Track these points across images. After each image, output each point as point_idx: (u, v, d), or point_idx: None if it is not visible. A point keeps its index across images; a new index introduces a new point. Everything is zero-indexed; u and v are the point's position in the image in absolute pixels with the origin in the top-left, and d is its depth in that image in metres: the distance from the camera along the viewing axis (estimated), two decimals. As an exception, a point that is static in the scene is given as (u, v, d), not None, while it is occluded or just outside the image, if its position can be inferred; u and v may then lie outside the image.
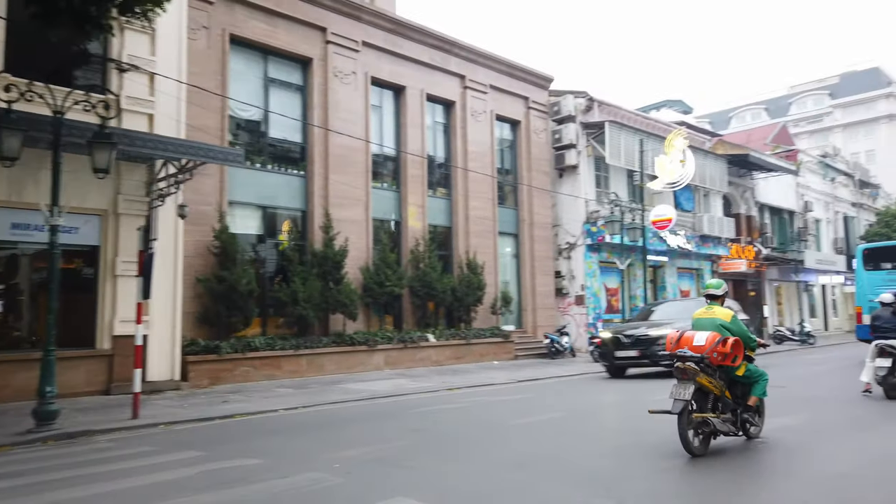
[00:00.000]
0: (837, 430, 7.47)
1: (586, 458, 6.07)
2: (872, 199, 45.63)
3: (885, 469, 5.61)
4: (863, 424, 7.87)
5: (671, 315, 14.90)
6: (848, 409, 8.98)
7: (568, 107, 22.60)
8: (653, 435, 6.92)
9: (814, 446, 6.55)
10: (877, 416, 8.47)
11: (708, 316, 6.67)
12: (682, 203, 26.13)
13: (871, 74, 72.81)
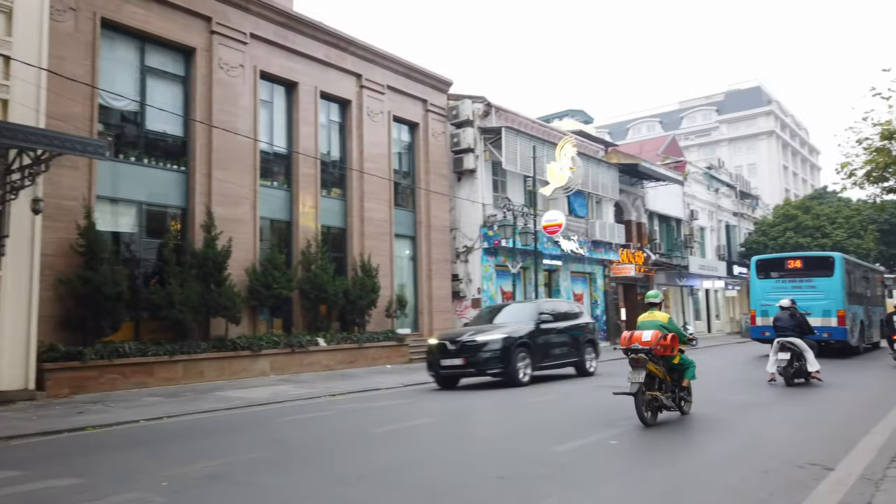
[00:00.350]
0: (751, 406, 9.45)
1: (434, 467, 5.90)
2: (752, 210, 48.94)
3: (786, 424, 7.89)
4: (770, 402, 10.12)
5: (513, 318, 13.62)
6: (758, 392, 11.07)
7: (466, 111, 22.75)
8: (513, 442, 6.91)
9: (735, 417, 8.35)
10: (780, 396, 10.78)
11: (650, 319, 8.40)
12: (575, 209, 26.92)
13: (753, 93, 78.34)
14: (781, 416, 8.66)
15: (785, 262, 21.16)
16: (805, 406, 9.65)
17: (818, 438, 6.93)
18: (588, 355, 14.56)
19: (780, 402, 10.13)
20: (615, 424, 7.60)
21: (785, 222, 42.12)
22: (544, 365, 13.42)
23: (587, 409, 9.33)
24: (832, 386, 11.83)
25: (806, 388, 11.60)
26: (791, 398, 10.48)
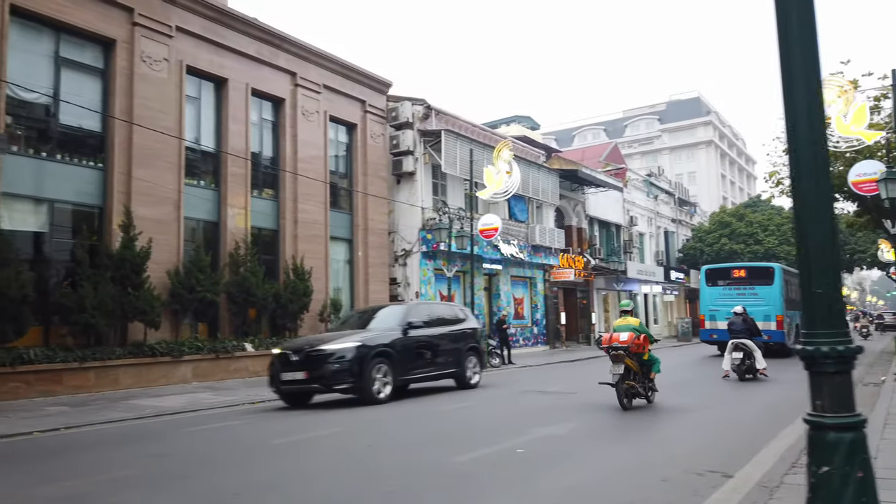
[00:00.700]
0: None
1: (321, 481, 5.57)
2: (690, 217, 50.26)
3: (704, 426, 8.08)
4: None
5: (381, 324, 11.87)
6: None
7: (406, 113, 22.52)
8: (418, 451, 6.67)
9: (657, 420, 8.86)
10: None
11: (625, 323, 10.05)
12: (516, 214, 27.01)
13: (693, 103, 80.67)
14: (703, 419, 8.74)
15: (731, 271, 23.32)
16: (734, 405, 9.79)
17: (731, 442, 6.94)
18: (470, 365, 13.03)
19: (733, 389, 12.12)
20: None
21: (720, 229, 43.41)
22: (412, 377, 11.78)
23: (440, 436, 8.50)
24: (774, 381, 13.45)
25: (749, 384, 13.12)
26: (742, 388, 12.38)
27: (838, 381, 2.39)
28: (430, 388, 12.83)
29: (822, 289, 2.34)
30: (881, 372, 14.31)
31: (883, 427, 7.01)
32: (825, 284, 2.35)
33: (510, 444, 6.75)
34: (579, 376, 16.18)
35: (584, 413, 9.26)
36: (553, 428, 7.80)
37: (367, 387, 10.53)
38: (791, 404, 9.09)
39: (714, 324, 22.15)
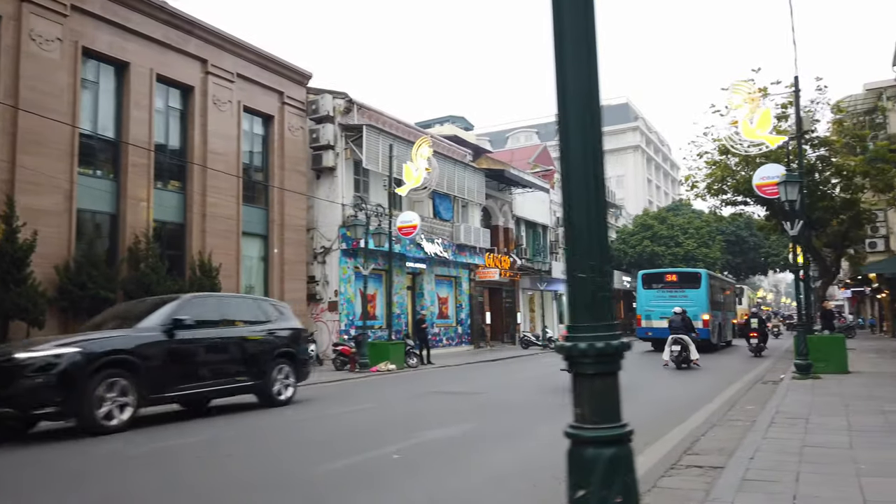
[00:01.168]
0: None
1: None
2: (616, 219, 51.40)
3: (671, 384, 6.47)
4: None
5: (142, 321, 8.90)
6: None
7: (326, 106, 21.91)
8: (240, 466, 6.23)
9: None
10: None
11: None
12: (440, 212, 26.77)
13: (622, 109, 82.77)
14: (675, 381, 8.61)
15: (664, 276, 26.31)
16: (650, 395, 9.75)
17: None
18: (279, 376, 10.36)
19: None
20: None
21: (643, 231, 44.55)
22: (177, 394, 8.97)
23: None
24: (705, 370, 15.87)
25: (682, 372, 15.46)
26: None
27: (599, 384, 1.98)
28: (322, 391, 12.42)
29: (585, 273, 1.99)
30: (782, 370, 14.79)
31: (768, 426, 7.05)
32: (589, 268, 1.99)
33: (391, 449, 6.39)
34: (494, 376, 16.05)
35: (484, 414, 9.03)
36: (446, 430, 7.51)
37: (87, 410, 7.59)
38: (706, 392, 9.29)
39: (649, 322, 24.72)
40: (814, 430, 6.72)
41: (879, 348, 22.06)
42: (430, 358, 19.90)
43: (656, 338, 23.83)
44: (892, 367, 14.27)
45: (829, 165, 20.46)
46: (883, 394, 9.58)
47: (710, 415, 8.43)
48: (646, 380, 13.28)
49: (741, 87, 14.60)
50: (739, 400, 9.84)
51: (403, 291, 24.99)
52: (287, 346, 10.68)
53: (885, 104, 29.35)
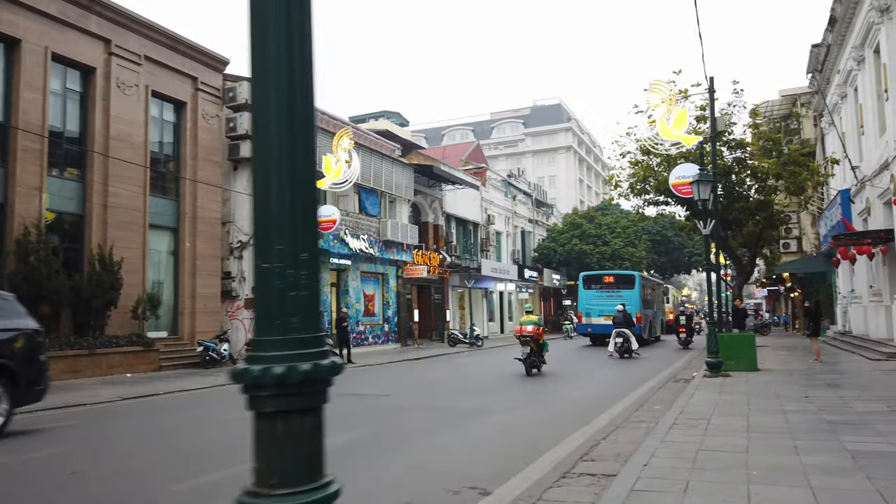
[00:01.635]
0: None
1: None
2: (547, 217, 51.91)
3: (498, 429, 7.21)
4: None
5: None
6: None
7: (245, 94, 20.89)
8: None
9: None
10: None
11: (528, 319, 15.07)
12: (366, 207, 26.15)
13: (555, 109, 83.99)
14: (615, 368, 8.26)
15: (602, 277, 29.20)
16: (566, 392, 9.50)
17: (517, 444, 6.48)
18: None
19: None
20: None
21: (572, 230, 45.13)
22: None
23: None
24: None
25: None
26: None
27: (284, 428, 1.35)
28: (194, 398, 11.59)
29: (270, 262, 1.41)
30: (697, 366, 14.96)
31: (669, 427, 6.88)
32: (277, 255, 1.42)
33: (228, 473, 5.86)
34: (412, 375, 15.63)
35: (382, 418, 8.58)
36: (334, 438, 6.99)
37: None
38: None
39: (589, 319, 27.80)
40: (713, 431, 6.58)
41: (790, 345, 22.85)
42: (350, 357, 19.30)
43: (595, 333, 27.32)
44: (799, 365, 14.65)
45: (745, 167, 21.02)
46: (787, 392, 9.68)
47: (616, 415, 8.26)
48: (565, 375, 13.13)
49: (659, 86, 14.67)
50: (649, 399, 9.76)
51: (327, 288, 24.26)
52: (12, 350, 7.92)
53: (799, 110, 30.59)
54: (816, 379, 11.48)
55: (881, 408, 7.84)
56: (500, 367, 17.87)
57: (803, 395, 9.23)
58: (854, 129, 21.09)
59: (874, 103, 18.21)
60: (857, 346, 18.49)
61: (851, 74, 20.14)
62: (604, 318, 26.57)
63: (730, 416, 7.57)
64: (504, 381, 13.23)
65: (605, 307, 26.74)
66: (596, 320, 27.23)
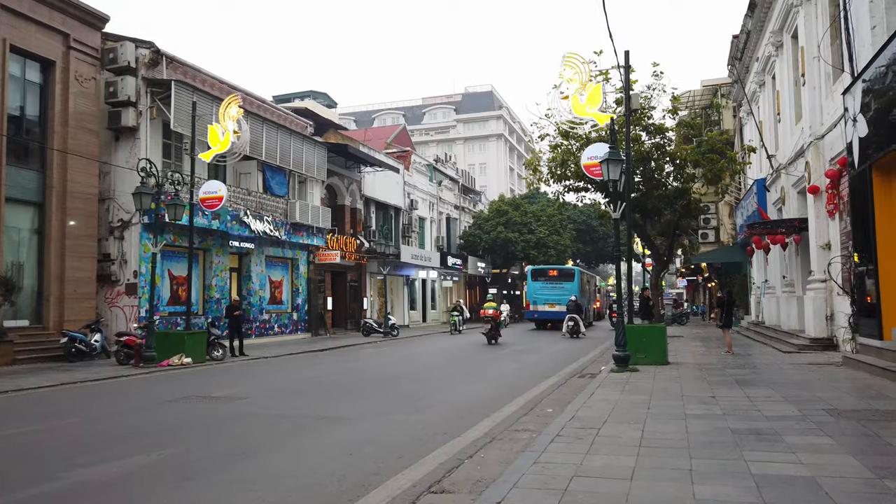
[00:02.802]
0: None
1: None
2: (474, 205, 50.96)
3: (405, 421, 5.45)
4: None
5: None
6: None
7: (127, 56, 18.72)
8: None
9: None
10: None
11: (490, 304, 22.52)
12: (272, 187, 24.28)
13: (486, 97, 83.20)
14: (369, 429, 6.99)
15: (547, 271, 33.81)
16: (451, 391, 8.26)
17: (355, 472, 5.19)
18: None
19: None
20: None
21: (498, 217, 44.33)
22: None
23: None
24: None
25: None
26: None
27: None
28: (23, 400, 9.89)
29: None
30: (610, 358, 14.11)
31: (551, 441, 5.73)
32: None
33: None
34: (299, 370, 14.15)
35: (212, 431, 7.10)
36: (129, 460, 5.52)
37: None
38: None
39: (536, 307, 32.65)
40: (600, 446, 5.47)
41: (705, 336, 22.60)
42: (243, 349, 17.59)
43: (541, 319, 32.56)
44: (711, 358, 14.02)
45: (664, 154, 20.41)
46: (693, 391, 8.79)
47: (499, 422, 7.10)
48: (461, 372, 11.96)
49: (574, 60, 13.59)
50: (544, 399, 8.66)
51: (225, 273, 22.34)
52: None
53: (719, 101, 30.54)
54: (726, 374, 10.72)
55: (791, 411, 6.97)
56: (402, 360, 16.63)
57: (710, 395, 8.34)
58: (771, 117, 20.84)
59: (791, 90, 17.84)
60: (769, 338, 18.21)
61: (770, 61, 19.80)
62: (548, 305, 32.04)
63: (625, 422, 6.52)
64: (395, 378, 11.97)
65: (549, 297, 32.16)
66: (542, 308, 32.32)
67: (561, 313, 29.76)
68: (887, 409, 6.86)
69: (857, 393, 8.17)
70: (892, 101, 9.59)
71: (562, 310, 29.78)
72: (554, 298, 31.76)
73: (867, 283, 11.07)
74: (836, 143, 13.77)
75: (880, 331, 10.36)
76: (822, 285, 14.72)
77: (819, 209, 14.96)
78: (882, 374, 9.37)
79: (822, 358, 12.79)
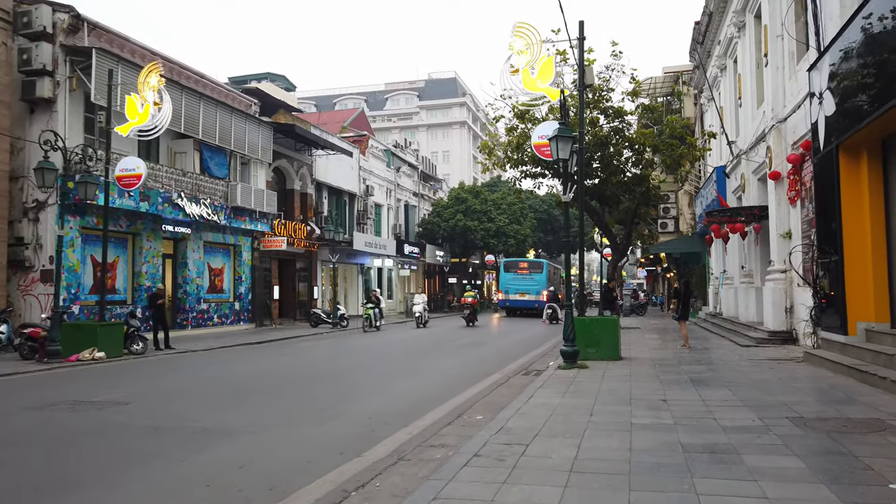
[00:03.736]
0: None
1: None
2: (434, 192, 49.78)
3: None
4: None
5: None
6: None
7: (43, 20, 17.02)
8: None
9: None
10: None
11: (469, 294, 27.36)
12: (211, 168, 22.73)
13: (450, 83, 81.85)
14: (254, 446, 5.85)
15: (518, 263, 36.44)
16: (375, 393, 7.14)
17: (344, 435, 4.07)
18: None
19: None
20: None
21: (457, 205, 43.25)
22: None
23: None
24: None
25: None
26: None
27: None
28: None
29: None
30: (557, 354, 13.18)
31: (465, 464, 4.68)
32: None
33: None
34: (215, 368, 12.91)
35: (53, 448, 5.85)
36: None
37: None
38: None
39: (507, 296, 35.19)
40: (522, 472, 4.44)
41: (662, 327, 21.97)
42: (168, 342, 16.17)
43: (512, 307, 35.06)
44: (666, 353, 13.23)
45: (623, 138, 19.58)
46: (643, 393, 7.86)
47: (416, 434, 6.03)
48: (401, 368, 10.91)
49: (525, 30, 12.53)
50: (478, 403, 7.64)
51: (158, 260, 20.80)
52: None
53: (681, 88, 29.92)
54: (681, 372, 9.86)
55: (752, 420, 6.06)
56: (339, 354, 15.49)
57: (661, 398, 7.42)
58: (732, 102, 20.16)
59: (753, 72, 17.13)
60: (727, 330, 17.56)
61: (732, 43, 19.07)
62: (519, 294, 34.72)
63: (560, 436, 5.52)
64: (318, 377, 10.83)
65: (520, 286, 34.87)
66: (513, 296, 34.90)
67: (531, 302, 33.79)
68: (859, 418, 6.00)
69: (823, 396, 7.33)
70: (862, 74, 8.77)
71: (531, 299, 33.72)
72: (524, 288, 34.70)
73: (831, 274, 10.32)
74: (799, 125, 13.04)
75: (844, 325, 9.61)
76: (781, 276, 14.04)
77: (780, 196, 14.26)
78: (847, 373, 8.59)
79: (781, 352, 12.07)
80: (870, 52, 8.52)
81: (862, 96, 8.78)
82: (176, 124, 20.24)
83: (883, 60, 8.15)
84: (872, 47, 8.44)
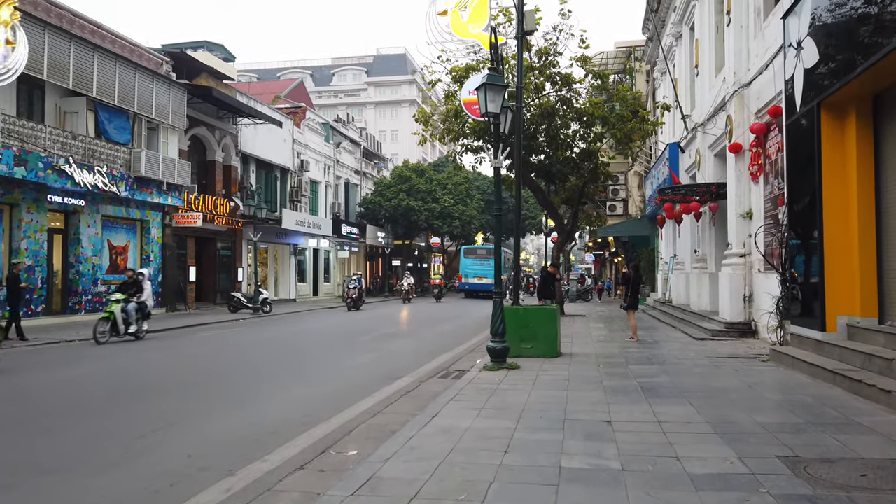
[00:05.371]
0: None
1: None
2: (378, 171, 47.40)
3: None
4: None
5: None
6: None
7: None
8: None
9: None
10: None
11: (437, 275, 39.98)
12: (109, 132, 19.95)
13: (399, 60, 79.03)
14: None
15: (477, 250, 40.74)
16: (237, 408, 5.07)
17: None
18: None
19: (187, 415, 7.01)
20: None
21: (400, 184, 41.09)
22: None
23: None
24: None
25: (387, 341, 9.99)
26: None
27: None
28: None
29: None
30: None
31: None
32: None
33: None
34: (63, 365, 10.59)
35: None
36: None
37: None
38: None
39: (467, 279, 39.27)
40: None
41: (609, 316, 20.49)
42: (21, 332, 13.40)
43: (471, 289, 38.64)
44: (612, 347, 11.56)
45: (571, 108, 17.78)
46: (582, 408, 6.05)
47: (232, 494, 3.99)
48: (298, 368, 8.87)
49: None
50: (361, 425, 5.62)
51: (42, 235, 18.06)
52: None
53: (633, 65, 28.40)
54: (629, 375, 8.12)
55: (729, 461, 4.27)
56: (232, 348, 13.31)
57: (605, 419, 5.60)
58: (687, 73, 18.61)
59: (712, 37, 15.53)
60: (678, 320, 16.08)
61: (690, 6, 17.46)
62: (477, 278, 38.46)
63: (450, 498, 3.59)
64: (173, 385, 8.69)
65: (478, 271, 38.64)
66: (472, 280, 38.91)
67: (488, 285, 34.06)
68: (876, 458, 4.27)
69: (812, 416, 5.63)
70: (857, 10, 7.06)
71: (488, 282, 34.72)
72: (482, 272, 37.97)
73: (805, 258, 8.72)
74: (765, 89, 11.44)
75: (822, 319, 8.00)
76: (740, 260, 12.51)
77: (741, 171, 12.69)
78: (831, 380, 6.97)
79: (742, 348, 10.51)
80: (868, -18, 6.82)
81: (856, 39, 7.09)
82: (63, 79, 17.53)
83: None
84: (872, -25, 6.74)
